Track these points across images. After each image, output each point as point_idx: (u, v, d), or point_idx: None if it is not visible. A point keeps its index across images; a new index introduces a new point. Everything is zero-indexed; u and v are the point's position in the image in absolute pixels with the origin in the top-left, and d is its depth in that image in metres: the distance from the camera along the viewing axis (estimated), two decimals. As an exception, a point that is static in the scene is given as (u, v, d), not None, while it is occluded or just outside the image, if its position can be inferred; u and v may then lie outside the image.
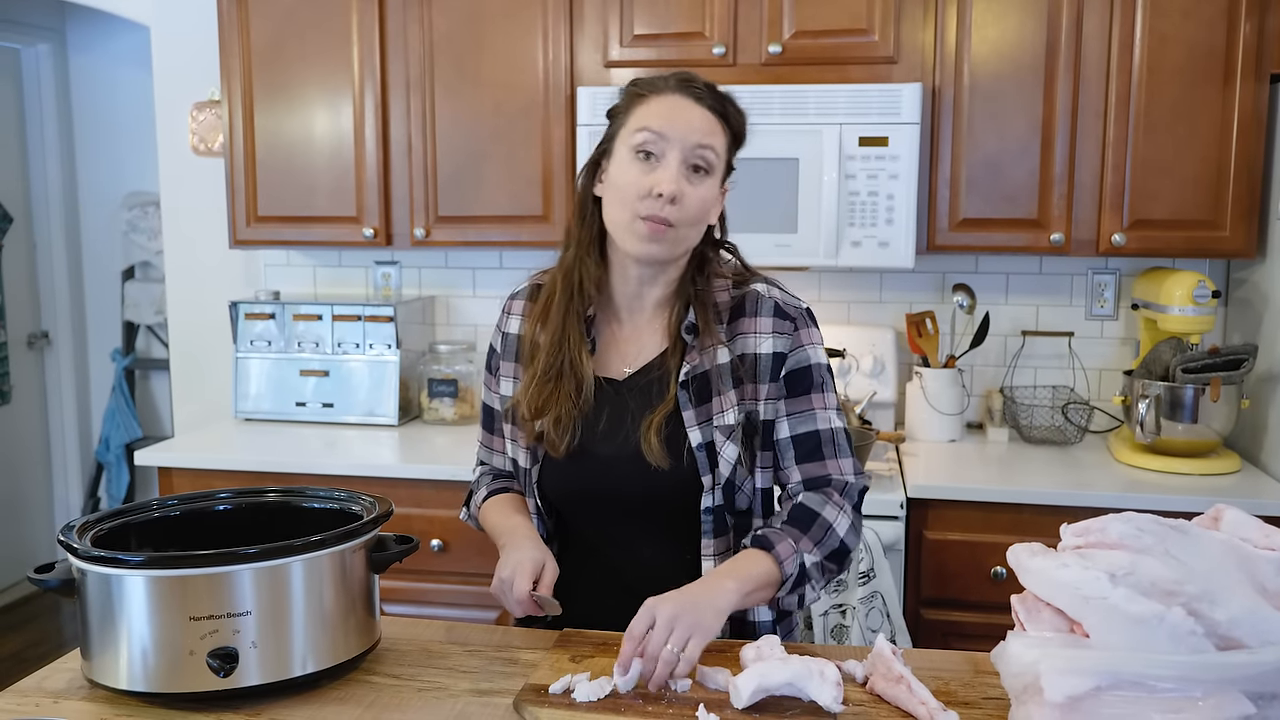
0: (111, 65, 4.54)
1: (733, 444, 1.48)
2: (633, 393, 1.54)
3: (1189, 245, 2.59)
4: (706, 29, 2.68)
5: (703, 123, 1.47)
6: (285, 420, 3.10)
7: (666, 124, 1.46)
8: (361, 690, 1.33)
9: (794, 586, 1.43)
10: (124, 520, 1.41)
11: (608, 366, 1.57)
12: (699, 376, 1.50)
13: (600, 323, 1.59)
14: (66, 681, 1.35)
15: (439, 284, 3.28)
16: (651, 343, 1.56)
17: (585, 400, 1.52)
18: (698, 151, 1.46)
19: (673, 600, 1.30)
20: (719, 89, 1.52)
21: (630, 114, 1.50)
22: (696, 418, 1.49)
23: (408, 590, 2.61)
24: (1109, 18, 2.54)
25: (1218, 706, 1.05)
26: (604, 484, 1.52)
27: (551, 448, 1.53)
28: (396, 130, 2.89)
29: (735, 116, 1.52)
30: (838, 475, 1.51)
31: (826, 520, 1.46)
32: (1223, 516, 1.21)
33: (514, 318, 1.64)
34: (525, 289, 1.66)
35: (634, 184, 1.46)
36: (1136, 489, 2.42)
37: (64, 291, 4.65)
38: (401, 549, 1.41)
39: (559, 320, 1.54)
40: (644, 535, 1.54)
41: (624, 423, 1.52)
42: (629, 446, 1.50)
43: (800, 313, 1.55)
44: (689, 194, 1.45)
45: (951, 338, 2.94)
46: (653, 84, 1.50)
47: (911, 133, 2.55)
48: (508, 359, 1.62)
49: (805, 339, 1.53)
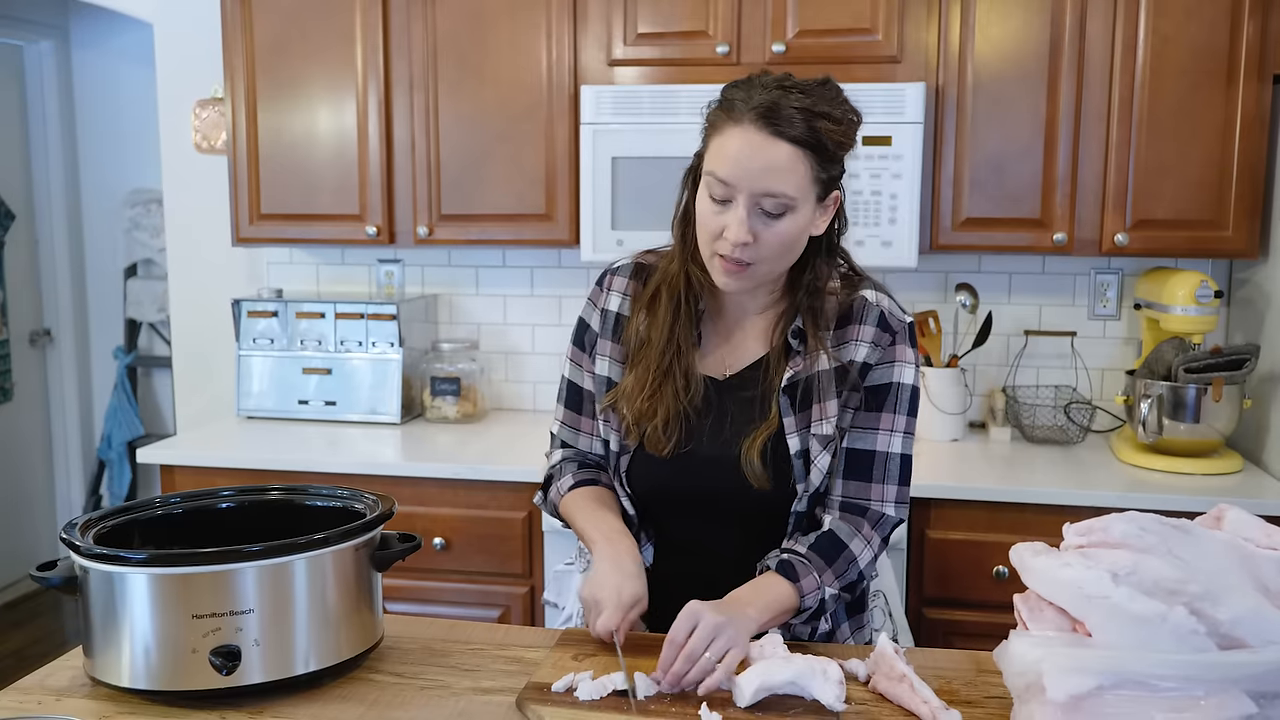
0: (114, 62, 4.54)
1: (827, 454, 1.47)
2: (732, 396, 1.51)
3: (1192, 245, 2.59)
4: (710, 28, 2.68)
5: (777, 161, 1.35)
6: (288, 418, 3.10)
7: (733, 170, 1.36)
8: (364, 688, 1.33)
9: (810, 618, 1.44)
10: (126, 518, 1.41)
11: (709, 365, 1.54)
12: (801, 383, 1.48)
13: (706, 319, 1.55)
14: (69, 679, 1.35)
15: (442, 282, 3.28)
16: (754, 346, 1.53)
17: (693, 400, 1.49)
18: (765, 200, 1.37)
19: (715, 609, 1.30)
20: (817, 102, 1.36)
21: (711, 140, 1.42)
22: (796, 425, 1.47)
23: (410, 588, 2.61)
24: (1112, 18, 2.54)
25: (1220, 706, 1.05)
26: (702, 486, 1.50)
27: (655, 447, 1.50)
28: (400, 128, 2.89)
29: (833, 134, 1.38)
30: (877, 504, 1.49)
31: (852, 554, 1.45)
32: (1225, 516, 1.21)
33: (615, 295, 1.58)
34: (628, 266, 1.59)
35: (707, 223, 1.41)
36: (1139, 489, 2.42)
37: (66, 289, 4.65)
38: (404, 547, 1.41)
39: (669, 319, 1.50)
40: (730, 533, 1.53)
41: (723, 427, 1.50)
42: (729, 454, 1.48)
43: (903, 326, 1.51)
44: (763, 235, 1.38)
45: (954, 337, 2.94)
46: (733, 109, 1.38)
47: (915, 132, 2.55)
48: (606, 337, 1.57)
49: (898, 355, 1.49)
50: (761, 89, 1.37)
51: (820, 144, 1.37)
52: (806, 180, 1.38)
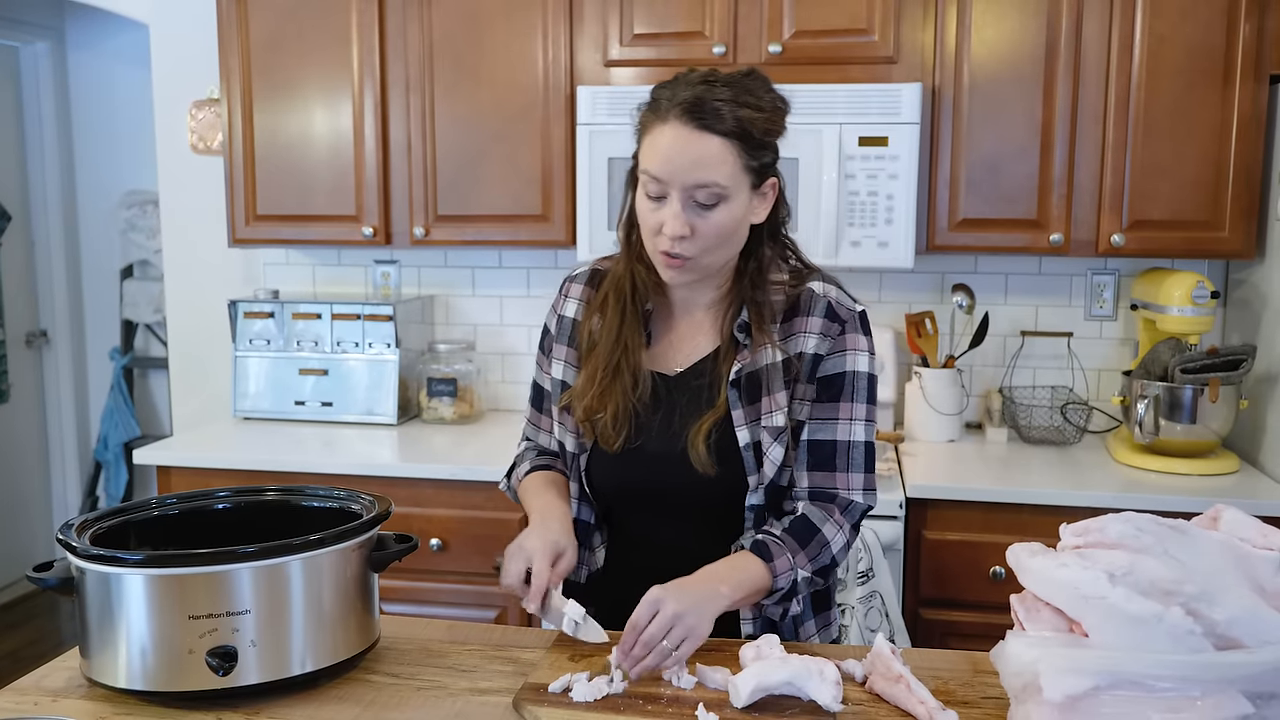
0: (110, 63, 4.53)
1: (779, 445, 1.48)
2: (683, 391, 1.53)
3: (1188, 246, 2.59)
4: (706, 28, 2.68)
5: (706, 154, 1.39)
6: (284, 419, 3.10)
7: (663, 166, 1.40)
8: (360, 689, 1.33)
9: (782, 599, 1.46)
10: (123, 519, 1.41)
11: (660, 362, 1.56)
12: (749, 376, 1.49)
13: (656, 317, 1.58)
14: (65, 680, 1.35)
15: (438, 283, 3.28)
16: (705, 340, 1.56)
17: (641, 396, 1.52)
18: (698, 191, 1.40)
19: (676, 597, 1.32)
20: (741, 93, 1.41)
21: (642, 141, 1.45)
22: (745, 417, 1.49)
23: (407, 589, 2.61)
24: (1108, 19, 2.54)
25: (1216, 706, 1.05)
26: (652, 480, 1.52)
27: (606, 443, 1.53)
28: (396, 129, 2.89)
29: (760, 123, 1.41)
30: (844, 491, 1.50)
31: (825, 537, 1.47)
32: (1221, 516, 1.21)
33: (571, 301, 1.63)
34: (584, 273, 1.64)
35: (646, 220, 1.45)
36: (1135, 489, 2.42)
37: (62, 290, 4.64)
38: (400, 548, 1.41)
39: (616, 321, 1.53)
40: (688, 528, 1.54)
41: (672, 421, 1.52)
42: (677, 447, 1.49)
43: (852, 315, 1.51)
44: (699, 226, 1.41)
45: (951, 338, 2.94)
46: (658, 108, 1.42)
47: (911, 133, 2.55)
48: (561, 342, 1.62)
49: (849, 344, 1.50)
50: (686, 86, 1.41)
51: (746, 132, 1.40)
52: (737, 169, 1.41)
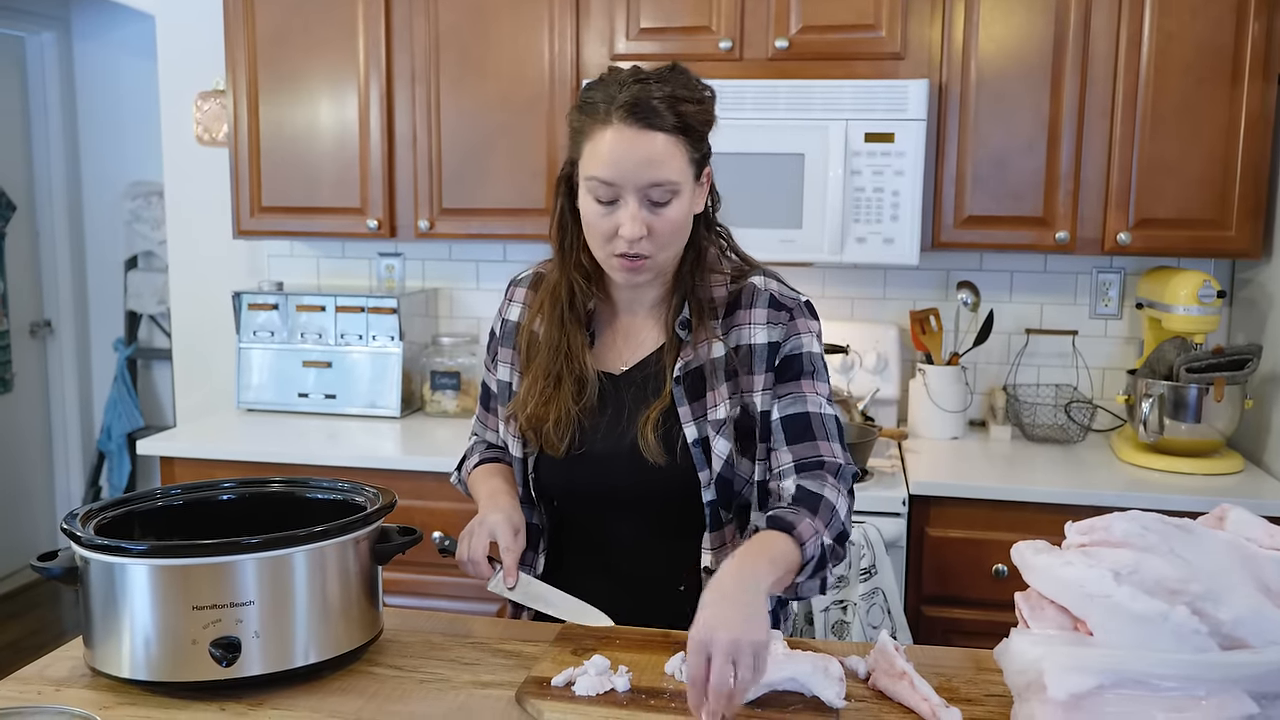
0: (116, 54, 4.53)
1: (724, 439, 1.47)
2: (630, 388, 1.53)
3: (1194, 245, 2.59)
4: (713, 23, 2.67)
5: (655, 153, 1.38)
6: (287, 411, 3.10)
7: (614, 170, 1.38)
8: (363, 681, 1.33)
9: (815, 570, 1.35)
10: (127, 509, 1.41)
11: (605, 360, 1.56)
12: (693, 372, 1.49)
13: (598, 317, 1.58)
14: (68, 669, 1.35)
15: (442, 276, 3.28)
16: (650, 337, 1.56)
17: (588, 400, 1.51)
18: (653, 190, 1.40)
19: (722, 624, 1.16)
20: (676, 88, 1.41)
21: (583, 145, 1.43)
22: (691, 414, 1.48)
23: (410, 582, 2.61)
24: (1117, 16, 2.53)
25: (1221, 706, 1.05)
26: (602, 480, 1.52)
27: (551, 448, 1.52)
28: (401, 122, 2.88)
29: (698, 115, 1.43)
30: (830, 458, 1.45)
31: (830, 502, 1.39)
32: (1228, 516, 1.21)
33: (515, 305, 1.63)
34: (529, 276, 1.65)
35: (598, 225, 1.43)
36: (1139, 488, 2.42)
37: (67, 280, 4.65)
38: (404, 541, 1.41)
39: (555, 328, 1.53)
40: (641, 529, 1.54)
41: (620, 419, 1.51)
42: (625, 442, 1.49)
43: (797, 304, 1.52)
44: (656, 224, 1.41)
45: (955, 335, 2.93)
46: (597, 111, 1.40)
47: (918, 129, 2.54)
48: (506, 345, 1.63)
49: (801, 328, 1.50)
50: (620, 85, 1.41)
51: (689, 126, 1.41)
52: (684, 163, 1.42)
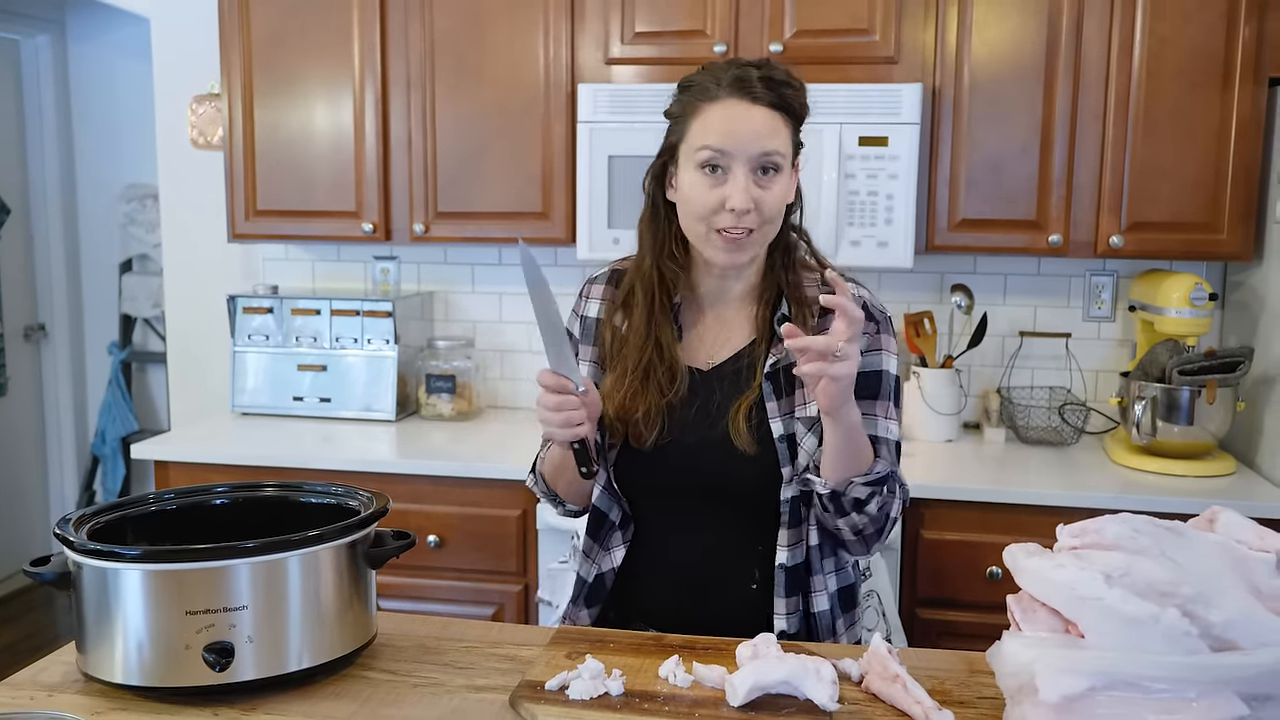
0: (111, 57, 4.53)
1: (813, 436, 1.48)
2: (720, 380, 1.54)
3: (1186, 248, 2.59)
4: (708, 27, 2.68)
5: (764, 125, 1.44)
6: (282, 415, 3.10)
7: (727, 139, 1.43)
8: (357, 685, 1.33)
9: (875, 483, 1.43)
10: (120, 514, 1.40)
11: (693, 355, 1.57)
12: (785, 368, 1.49)
13: (685, 312, 1.58)
14: (61, 675, 1.35)
15: (438, 279, 3.28)
16: (739, 333, 1.56)
17: (677, 392, 1.52)
18: (763, 159, 1.44)
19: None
20: (775, 72, 1.47)
21: (689, 124, 1.47)
22: (780, 409, 1.49)
23: (404, 586, 2.61)
24: (1109, 20, 2.54)
25: (1212, 708, 1.05)
26: (688, 471, 1.52)
27: (637, 441, 1.53)
28: (397, 126, 2.88)
29: (796, 98, 1.47)
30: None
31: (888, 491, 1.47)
32: (1218, 518, 1.21)
33: (594, 301, 1.63)
34: (605, 274, 1.65)
35: (704, 199, 1.45)
36: (1132, 490, 2.42)
37: (61, 284, 4.64)
38: (398, 545, 1.40)
39: (644, 319, 1.53)
40: (717, 525, 1.54)
41: (710, 409, 1.52)
42: (715, 432, 1.50)
43: (885, 318, 1.55)
44: (763, 198, 1.44)
45: (949, 338, 2.94)
46: (706, 90, 1.46)
47: (911, 133, 2.55)
48: (586, 342, 1.62)
49: (884, 344, 1.53)
50: (723, 69, 1.47)
51: (790, 107, 1.47)
52: (788, 141, 1.47)
